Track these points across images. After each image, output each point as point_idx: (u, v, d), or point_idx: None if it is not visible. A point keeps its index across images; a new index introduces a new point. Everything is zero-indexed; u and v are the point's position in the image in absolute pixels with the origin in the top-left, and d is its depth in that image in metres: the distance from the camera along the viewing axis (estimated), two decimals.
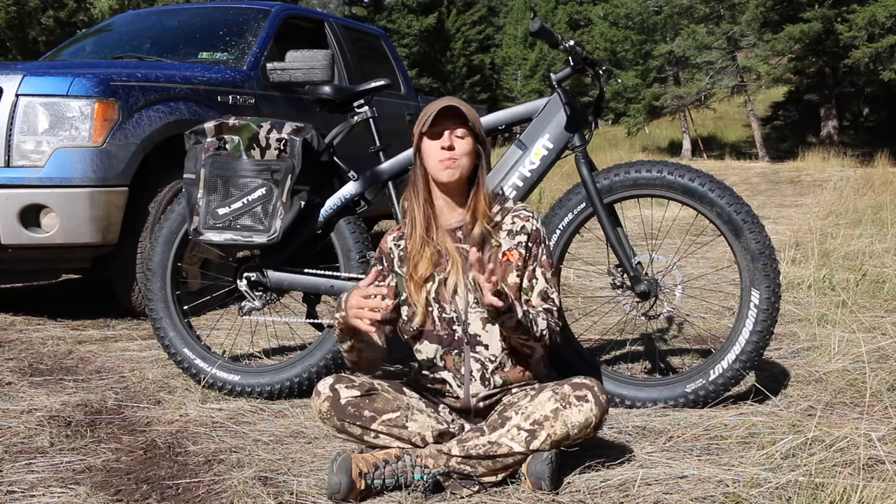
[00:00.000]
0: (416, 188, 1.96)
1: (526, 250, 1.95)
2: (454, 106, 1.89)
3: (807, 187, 11.83)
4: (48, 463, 2.00)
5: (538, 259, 1.96)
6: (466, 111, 1.90)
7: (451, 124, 1.90)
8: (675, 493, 1.75)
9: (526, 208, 2.00)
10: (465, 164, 1.91)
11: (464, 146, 1.91)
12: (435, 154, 1.90)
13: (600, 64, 2.49)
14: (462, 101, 1.97)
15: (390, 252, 2.01)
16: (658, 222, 5.47)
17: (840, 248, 4.91)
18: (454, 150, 1.89)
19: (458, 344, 1.91)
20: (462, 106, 1.91)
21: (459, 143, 1.90)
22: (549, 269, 1.97)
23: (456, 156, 1.89)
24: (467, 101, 2.06)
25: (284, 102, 4.29)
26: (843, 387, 2.54)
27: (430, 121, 1.89)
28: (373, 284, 1.81)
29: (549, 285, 1.95)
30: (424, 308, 1.91)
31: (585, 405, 1.79)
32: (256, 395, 2.55)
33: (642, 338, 3.26)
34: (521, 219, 1.97)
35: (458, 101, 1.92)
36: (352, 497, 1.73)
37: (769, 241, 2.32)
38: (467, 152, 1.91)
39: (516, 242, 1.94)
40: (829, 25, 19.56)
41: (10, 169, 3.28)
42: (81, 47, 4.86)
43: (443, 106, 1.89)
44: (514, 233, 1.95)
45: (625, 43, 26.27)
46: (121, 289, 3.62)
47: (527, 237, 1.95)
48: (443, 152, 1.89)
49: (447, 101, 1.90)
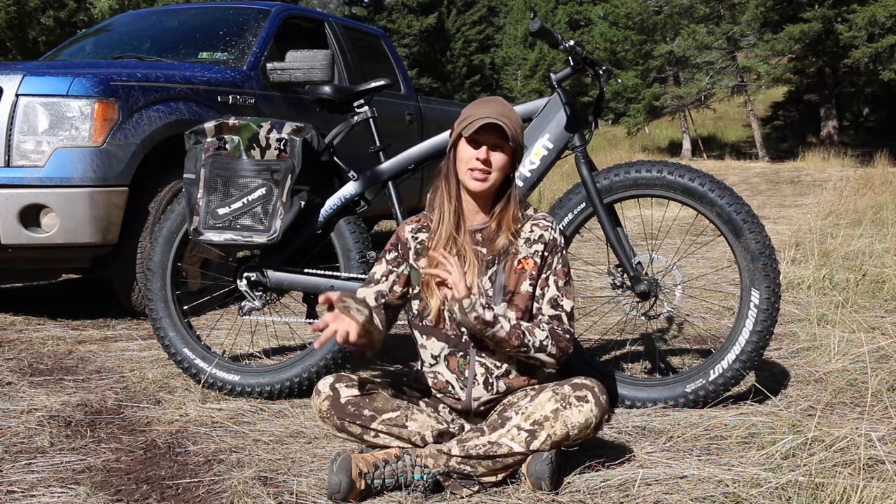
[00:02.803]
0: (448, 185, 1.93)
1: (542, 259, 1.94)
2: (498, 125, 1.84)
3: (807, 187, 11.83)
4: (48, 463, 2.00)
5: (553, 268, 1.95)
6: (510, 128, 1.85)
7: (494, 138, 1.87)
8: (675, 493, 1.75)
9: (546, 217, 1.99)
10: (498, 178, 1.89)
11: (499, 161, 1.88)
12: (469, 161, 1.88)
13: (600, 64, 2.49)
14: (507, 107, 1.91)
15: (407, 242, 1.99)
16: (658, 222, 5.47)
17: (840, 248, 4.91)
18: (490, 164, 1.87)
19: (464, 346, 1.91)
20: (507, 122, 1.85)
21: (496, 158, 1.88)
22: (562, 278, 1.96)
23: (490, 169, 1.87)
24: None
25: (284, 102, 4.29)
26: (843, 387, 2.54)
27: (473, 128, 1.86)
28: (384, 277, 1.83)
29: (560, 293, 1.94)
30: (440, 304, 1.91)
31: (585, 405, 1.79)
32: (256, 395, 2.55)
33: (642, 338, 3.26)
34: (539, 228, 1.96)
35: (504, 114, 1.86)
36: (352, 497, 1.73)
37: (769, 241, 2.32)
38: (501, 167, 1.89)
39: (533, 251, 1.94)
40: (829, 25, 19.56)
41: (10, 169, 3.28)
42: (81, 47, 4.85)
43: (488, 122, 1.84)
44: (532, 241, 1.94)
45: (625, 43, 26.27)
46: (121, 289, 3.62)
47: (544, 246, 1.95)
48: (477, 162, 1.87)
49: (494, 115, 1.84)
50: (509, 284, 1.92)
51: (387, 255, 1.99)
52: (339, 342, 1.73)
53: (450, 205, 1.92)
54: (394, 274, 1.97)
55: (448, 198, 1.92)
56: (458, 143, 1.91)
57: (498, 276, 1.92)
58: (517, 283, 1.92)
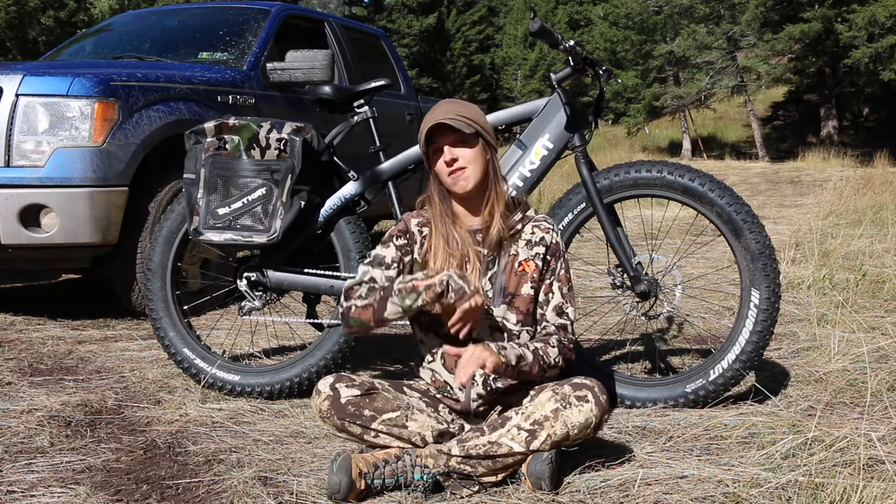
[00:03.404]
0: (432, 202, 1.95)
1: (543, 263, 1.94)
2: (442, 123, 1.85)
3: (807, 187, 11.83)
4: (48, 463, 2.00)
5: (556, 273, 1.95)
6: (459, 120, 1.85)
7: (449, 137, 1.88)
8: (675, 493, 1.75)
9: (546, 219, 2.00)
10: (476, 170, 1.89)
11: (468, 155, 1.88)
12: (443, 169, 1.89)
13: (600, 64, 2.49)
14: (455, 103, 1.92)
15: (414, 234, 1.98)
16: (658, 222, 5.47)
17: (840, 248, 4.91)
18: (457, 161, 1.87)
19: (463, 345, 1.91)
20: (454, 116, 1.86)
21: (463, 153, 1.88)
22: (566, 284, 1.96)
23: (462, 165, 1.87)
24: (468, 101, 2.02)
25: (284, 102, 4.29)
26: (843, 387, 2.54)
27: (425, 139, 1.88)
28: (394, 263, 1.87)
29: (564, 300, 1.95)
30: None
31: (585, 405, 1.79)
32: (256, 395, 2.55)
33: (642, 338, 3.26)
34: (540, 230, 1.96)
35: (449, 112, 1.87)
36: (352, 497, 1.73)
37: (769, 241, 2.32)
38: (472, 159, 1.88)
39: (534, 253, 1.94)
40: (829, 25, 19.56)
41: (10, 169, 3.28)
42: (81, 47, 4.85)
43: (432, 124, 1.86)
44: (533, 243, 1.95)
45: (625, 43, 26.26)
46: (121, 289, 3.62)
47: (545, 249, 1.95)
48: (447, 167, 1.88)
49: (438, 117, 1.86)
50: (509, 286, 1.92)
51: (395, 241, 1.96)
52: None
53: (441, 222, 1.93)
54: (402, 262, 1.95)
55: (436, 215, 1.94)
56: (430, 159, 1.93)
57: (498, 277, 1.92)
58: (517, 285, 1.92)
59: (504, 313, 1.92)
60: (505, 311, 1.91)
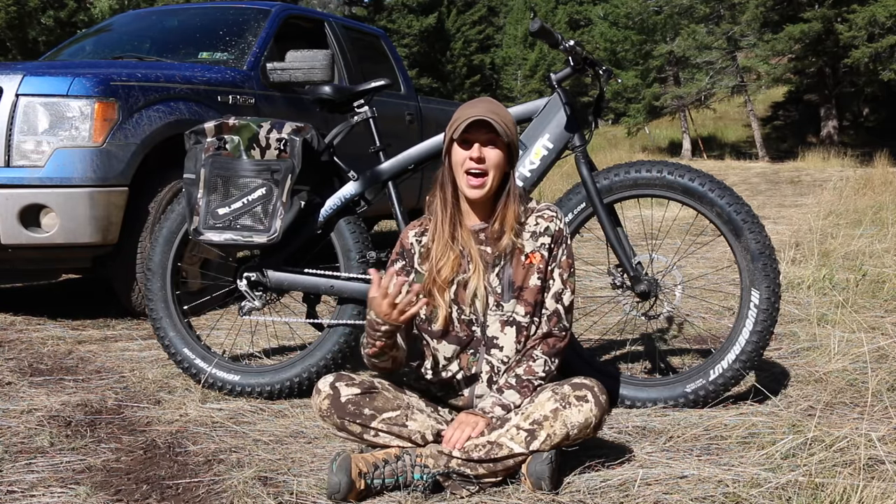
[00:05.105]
0: (443, 191, 1.93)
1: (549, 252, 1.95)
2: (486, 121, 1.84)
3: (807, 187, 11.83)
4: (48, 463, 2.00)
5: (557, 260, 1.96)
6: (500, 123, 1.84)
7: (484, 136, 1.86)
8: (675, 493, 1.75)
9: (550, 207, 1.99)
10: (494, 177, 1.88)
11: (494, 158, 1.87)
12: (463, 163, 1.87)
13: (600, 64, 2.49)
14: (496, 104, 1.91)
15: (411, 248, 1.99)
16: (658, 222, 5.47)
17: (840, 248, 4.91)
18: (484, 162, 1.86)
19: (475, 344, 1.93)
20: (496, 118, 1.84)
21: (490, 155, 1.87)
22: (566, 270, 1.97)
23: (485, 168, 1.86)
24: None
25: (284, 102, 4.29)
26: (843, 387, 2.54)
27: (462, 128, 1.85)
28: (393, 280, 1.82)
29: (564, 286, 1.96)
30: (447, 311, 1.91)
31: (585, 405, 1.79)
32: (256, 395, 2.55)
33: (642, 338, 3.26)
34: (544, 219, 1.96)
35: (492, 111, 1.86)
36: (351, 497, 1.73)
37: (769, 241, 2.32)
38: (497, 164, 1.87)
39: (539, 244, 1.94)
40: (829, 25, 19.56)
41: (10, 169, 3.28)
42: (81, 47, 4.85)
43: (475, 119, 1.84)
44: (538, 234, 1.94)
45: (625, 43, 26.25)
46: (121, 289, 3.62)
47: (550, 238, 1.95)
48: (470, 162, 1.86)
49: (481, 113, 1.84)
50: (517, 280, 1.92)
51: (395, 266, 1.97)
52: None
53: (445, 212, 1.91)
54: None
55: (443, 204, 1.92)
56: (451, 149, 1.90)
57: (505, 271, 1.93)
58: (525, 277, 1.92)
59: (514, 307, 1.92)
60: (514, 304, 1.92)
